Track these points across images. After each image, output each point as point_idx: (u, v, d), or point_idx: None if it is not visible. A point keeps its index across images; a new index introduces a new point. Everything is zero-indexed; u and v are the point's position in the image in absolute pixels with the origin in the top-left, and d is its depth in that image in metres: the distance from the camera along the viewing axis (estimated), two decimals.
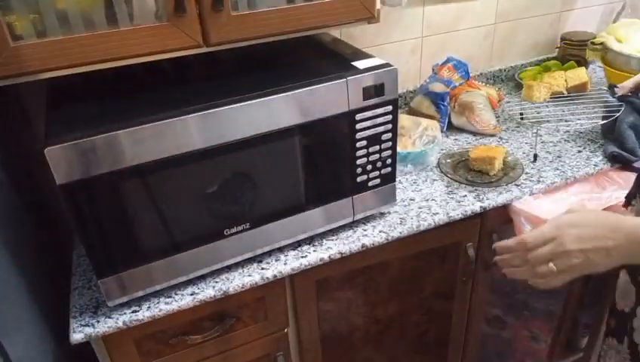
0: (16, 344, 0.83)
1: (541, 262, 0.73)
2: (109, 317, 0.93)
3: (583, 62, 1.71)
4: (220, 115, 0.86)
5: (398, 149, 1.17)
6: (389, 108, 1.01)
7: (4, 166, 1.03)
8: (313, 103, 0.93)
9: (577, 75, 1.50)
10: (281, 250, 1.07)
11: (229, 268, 1.03)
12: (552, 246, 0.72)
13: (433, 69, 1.59)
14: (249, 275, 1.01)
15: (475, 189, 1.22)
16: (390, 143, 1.05)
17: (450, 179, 1.25)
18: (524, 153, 1.37)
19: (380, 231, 1.10)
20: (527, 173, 1.27)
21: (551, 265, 0.72)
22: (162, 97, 0.93)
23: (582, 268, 0.71)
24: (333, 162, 1.01)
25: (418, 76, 1.65)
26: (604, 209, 1.17)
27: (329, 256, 1.05)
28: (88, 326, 0.92)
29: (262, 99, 0.89)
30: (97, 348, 0.96)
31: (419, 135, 1.34)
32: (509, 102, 1.58)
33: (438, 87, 1.49)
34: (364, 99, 0.98)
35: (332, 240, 1.09)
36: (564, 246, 0.71)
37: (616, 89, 1.23)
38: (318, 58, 1.10)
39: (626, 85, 1.19)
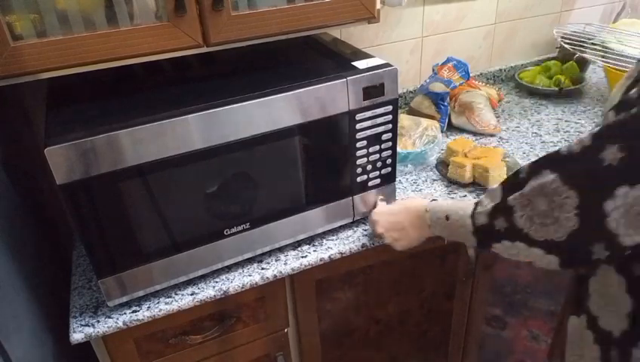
0: (16, 344, 0.83)
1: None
2: (109, 317, 0.93)
3: (583, 63, 1.71)
4: (220, 115, 0.86)
5: (398, 149, 1.17)
6: (389, 108, 1.01)
7: (4, 166, 1.03)
8: (313, 103, 0.93)
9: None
10: (281, 249, 1.07)
11: (229, 268, 1.03)
12: (372, 229, 1.03)
13: (433, 69, 1.59)
14: (249, 275, 1.01)
15: (475, 189, 1.22)
16: (390, 143, 1.05)
17: (450, 179, 1.25)
18: (524, 153, 1.37)
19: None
20: None
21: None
22: (162, 97, 0.93)
23: (401, 242, 0.96)
24: (334, 162, 1.01)
25: (418, 76, 1.65)
26: None
27: (329, 256, 1.05)
28: (88, 326, 0.92)
29: (262, 99, 0.89)
30: (97, 348, 0.97)
31: (419, 135, 1.34)
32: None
33: (438, 87, 1.49)
34: (364, 99, 0.97)
35: (332, 240, 1.09)
36: (376, 231, 1.00)
37: None
38: (318, 58, 1.10)
39: None
